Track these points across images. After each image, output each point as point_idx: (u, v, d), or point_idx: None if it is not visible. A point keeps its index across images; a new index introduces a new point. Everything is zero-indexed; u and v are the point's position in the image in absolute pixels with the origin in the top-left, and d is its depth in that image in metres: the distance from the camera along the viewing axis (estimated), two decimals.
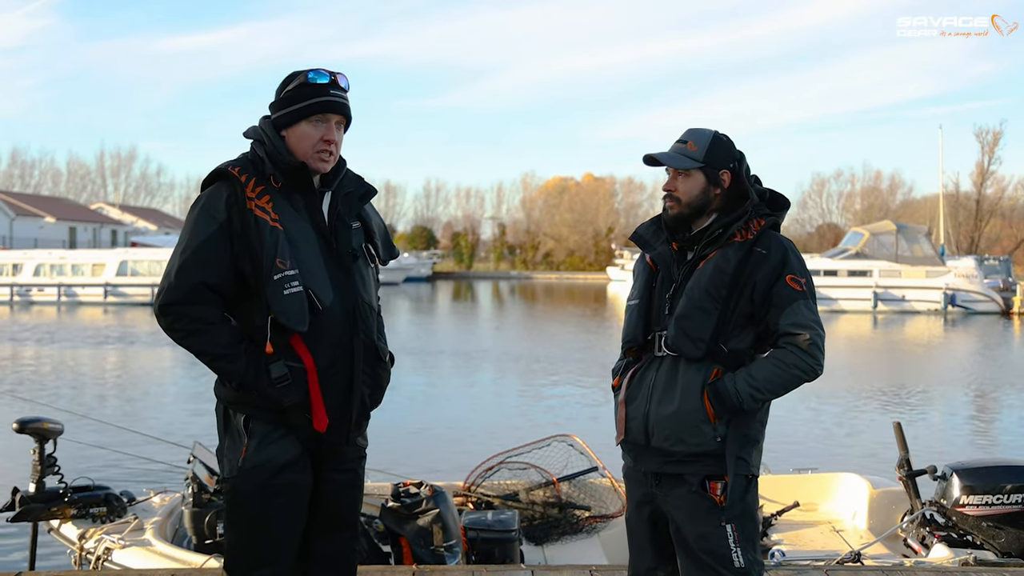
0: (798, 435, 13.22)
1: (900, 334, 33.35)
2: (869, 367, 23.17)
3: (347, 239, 3.35)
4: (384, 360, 3.47)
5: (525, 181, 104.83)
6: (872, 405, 16.52)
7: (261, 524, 3.26)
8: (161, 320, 3.23)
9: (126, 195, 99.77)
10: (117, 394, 17.26)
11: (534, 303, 51.47)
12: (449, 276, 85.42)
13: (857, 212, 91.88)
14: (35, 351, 23.49)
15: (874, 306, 43.13)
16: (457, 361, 22.61)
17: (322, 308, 3.21)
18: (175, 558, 5.27)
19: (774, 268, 3.40)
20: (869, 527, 6.37)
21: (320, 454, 3.33)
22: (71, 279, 43.68)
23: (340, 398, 3.29)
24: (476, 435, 12.92)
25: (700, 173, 3.51)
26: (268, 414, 3.24)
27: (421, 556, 5.39)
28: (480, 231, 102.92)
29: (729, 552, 3.38)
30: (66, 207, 76.53)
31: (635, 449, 3.57)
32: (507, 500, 6.39)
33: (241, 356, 3.19)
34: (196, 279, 3.16)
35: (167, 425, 12.76)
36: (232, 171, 3.23)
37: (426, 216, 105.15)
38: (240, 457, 3.23)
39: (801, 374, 3.38)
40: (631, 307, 3.66)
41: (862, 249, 44.51)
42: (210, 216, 3.20)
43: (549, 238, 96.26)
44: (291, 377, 3.19)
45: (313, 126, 3.29)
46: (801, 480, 6.92)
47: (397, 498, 5.57)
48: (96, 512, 5.69)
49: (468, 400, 17.27)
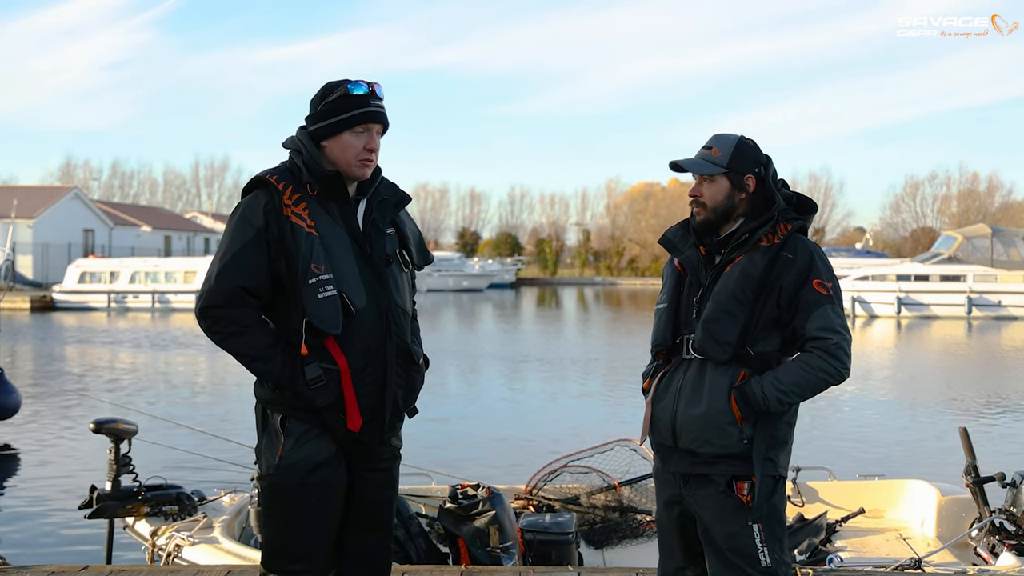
0: (868, 441, 13.03)
1: (994, 340, 32.48)
2: (953, 374, 22.66)
3: (381, 245, 3.45)
4: (417, 363, 3.55)
5: (610, 187, 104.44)
6: (953, 411, 16.19)
7: (297, 521, 3.37)
8: (201, 322, 3.37)
9: (219, 204, 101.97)
10: (193, 396, 17.75)
11: (618, 309, 51.25)
12: (533, 282, 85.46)
13: (953, 215, 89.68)
14: (128, 355, 24.13)
15: (968, 312, 42.01)
16: (536, 367, 22.69)
17: (355, 311, 3.31)
18: (240, 555, 5.42)
19: (801, 272, 3.43)
20: (937, 535, 6.28)
21: (354, 453, 3.43)
22: (164, 286, 44.70)
23: (373, 399, 3.38)
24: (542, 439, 12.99)
25: (724, 178, 3.54)
26: (304, 414, 3.34)
27: (478, 557, 5.47)
28: (564, 237, 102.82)
29: (756, 552, 3.42)
30: (162, 216, 78.29)
31: (663, 450, 3.63)
32: (568, 504, 6.44)
33: (277, 357, 3.30)
34: (234, 283, 3.29)
35: (239, 426, 13.03)
36: (270, 179, 3.36)
37: (510, 223, 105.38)
38: (277, 455, 3.34)
39: (827, 378, 3.40)
40: (659, 311, 3.72)
41: (955, 253, 43.36)
42: (248, 223, 3.33)
43: (634, 244, 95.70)
44: (325, 378, 3.29)
45: (356, 136, 3.40)
46: (867, 486, 6.85)
47: (454, 499, 5.65)
48: (168, 510, 5.88)
49: (541, 405, 17.32)
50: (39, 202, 55.66)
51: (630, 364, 22.99)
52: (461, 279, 66.21)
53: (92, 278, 44.95)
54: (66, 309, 42.82)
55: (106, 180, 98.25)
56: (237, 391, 18.32)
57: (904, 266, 44.82)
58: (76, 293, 44.33)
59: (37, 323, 35.15)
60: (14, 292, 44.15)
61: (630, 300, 59.42)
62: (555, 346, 29.09)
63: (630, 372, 21.04)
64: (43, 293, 45.05)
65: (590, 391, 19.11)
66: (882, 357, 25.23)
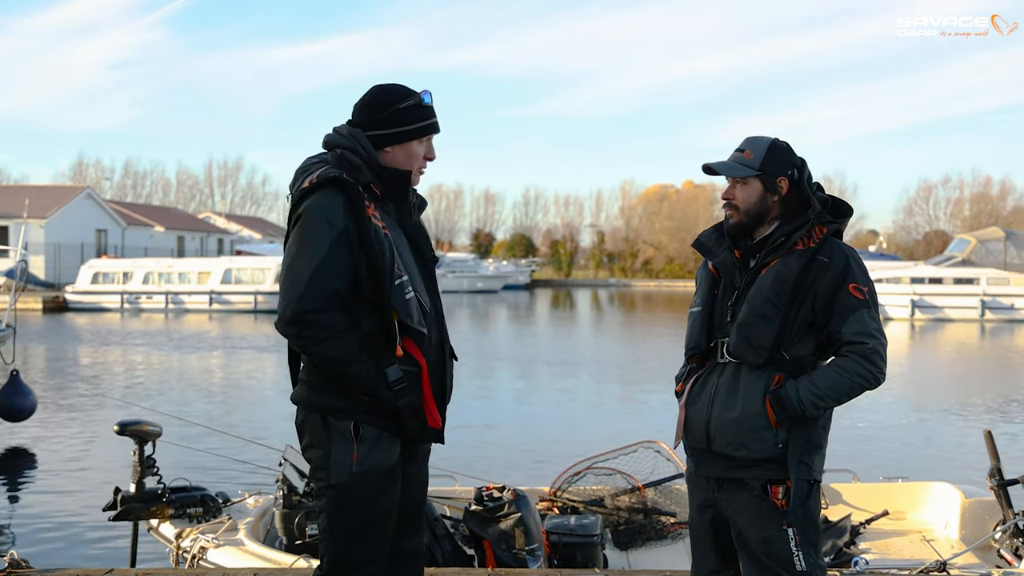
0: (889, 443, 12.99)
1: (1007, 343, 32.38)
2: (969, 376, 22.60)
3: (427, 245, 3.51)
4: (455, 359, 3.62)
5: (624, 189, 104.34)
6: (970, 414, 16.15)
7: (371, 526, 3.35)
8: (291, 328, 3.23)
9: (232, 204, 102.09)
10: (215, 398, 17.73)
11: (632, 311, 51.23)
12: (548, 284, 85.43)
13: (966, 219, 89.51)
14: (142, 356, 24.18)
15: (981, 314, 41.92)
16: (552, 368, 22.68)
17: (427, 311, 3.36)
18: (266, 558, 5.42)
19: (836, 276, 3.42)
20: (961, 537, 6.25)
21: (404, 454, 3.43)
22: (178, 287, 44.75)
23: (441, 397, 3.44)
24: (564, 441, 12.98)
25: (757, 181, 3.54)
26: (376, 418, 3.30)
27: (503, 559, 5.46)
28: (579, 239, 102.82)
29: (791, 556, 3.41)
30: (175, 217, 78.44)
31: (697, 454, 3.63)
32: (592, 505, 6.43)
33: (365, 361, 3.25)
34: (330, 286, 3.20)
35: (261, 428, 13.07)
36: (347, 178, 3.28)
37: (525, 224, 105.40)
38: (352, 462, 3.27)
39: (863, 382, 3.40)
40: (693, 314, 3.71)
41: (968, 256, 43.27)
42: (330, 224, 3.22)
43: (648, 246, 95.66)
44: (406, 379, 3.30)
45: (421, 144, 3.44)
46: (891, 488, 6.82)
47: (480, 501, 5.64)
48: (193, 512, 5.86)
49: (559, 406, 17.31)
50: (51, 202, 55.75)
51: (648, 366, 23.05)
52: (475, 280, 66.18)
53: (105, 279, 45.00)
54: (79, 310, 42.88)
55: (118, 180, 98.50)
56: (254, 392, 18.38)
57: (918, 269, 44.68)
58: (89, 294, 44.40)
59: (50, 324, 35.21)
60: (26, 292, 44.35)
61: (644, 302, 59.36)
62: (572, 348, 29.11)
63: (648, 374, 21.08)
64: (56, 294, 45.07)
65: (609, 393, 19.11)
66: (899, 359, 25.11)
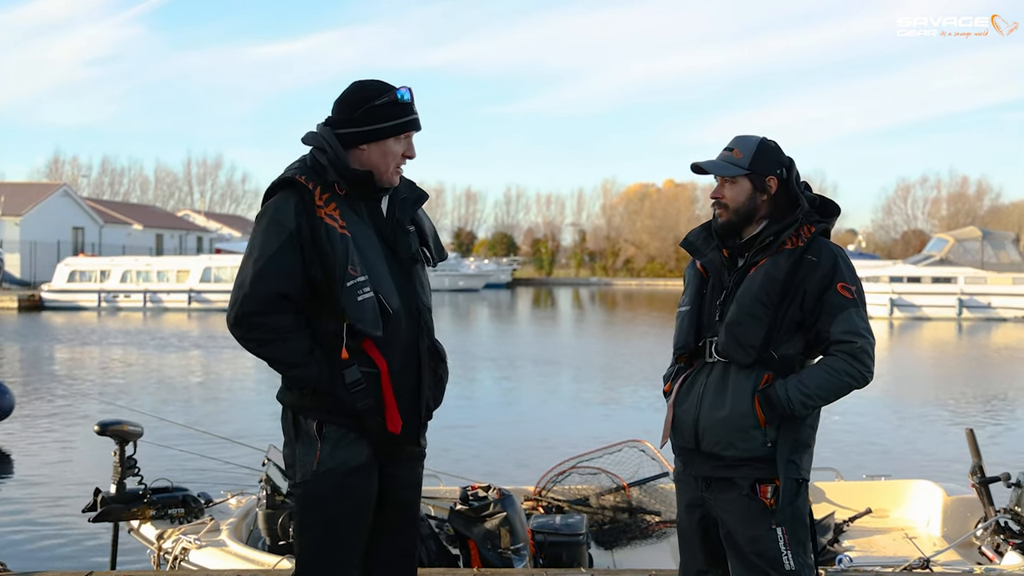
0: (871, 442, 13.04)
1: (984, 342, 32.59)
2: (949, 374, 22.74)
3: (407, 244, 3.43)
4: (444, 359, 3.54)
5: (606, 187, 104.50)
6: (951, 412, 16.25)
7: (335, 527, 3.33)
8: (235, 330, 3.27)
9: (212, 202, 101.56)
10: (197, 397, 17.62)
11: (614, 310, 51.28)
12: (529, 283, 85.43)
13: (943, 218, 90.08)
14: (121, 356, 24.03)
15: (959, 313, 42.19)
16: (535, 367, 22.70)
17: (391, 312, 3.28)
18: (249, 559, 5.38)
19: (825, 275, 3.42)
20: (943, 534, 6.29)
21: (385, 456, 3.39)
22: (156, 285, 44.51)
23: (410, 400, 3.36)
24: (549, 440, 12.95)
25: (746, 180, 3.54)
26: (340, 418, 3.29)
27: (489, 558, 5.45)
28: (560, 238, 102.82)
29: (780, 555, 3.42)
30: (153, 214, 78.03)
31: (685, 453, 3.62)
32: (577, 505, 6.42)
33: (316, 363, 3.24)
34: (272, 289, 3.21)
35: (244, 428, 13.01)
36: (300, 179, 3.29)
37: (506, 223, 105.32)
38: (315, 461, 3.28)
39: (852, 381, 3.40)
40: (682, 313, 3.71)
41: (946, 255, 43.57)
42: (280, 225, 3.24)
43: (630, 245, 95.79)
44: (365, 381, 3.25)
45: (398, 142, 3.38)
46: (874, 487, 6.86)
47: (465, 501, 5.63)
48: (174, 513, 5.82)
49: (543, 406, 17.30)
50: (27, 199, 55.40)
51: (631, 365, 23.07)
52: (457, 279, 66.03)
53: (82, 277, 44.69)
54: (55, 308, 42.50)
55: (95, 177, 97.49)
56: (236, 392, 18.30)
57: (897, 268, 44.92)
58: (66, 292, 44.06)
59: (26, 323, 34.93)
60: (1, 291, 44.02)
61: (626, 301, 59.43)
62: (554, 347, 29.12)
63: (632, 373, 21.10)
64: (31, 292, 44.64)
65: (592, 392, 19.11)
66: (879, 358, 24.87)
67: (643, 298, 62.69)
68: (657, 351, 25.71)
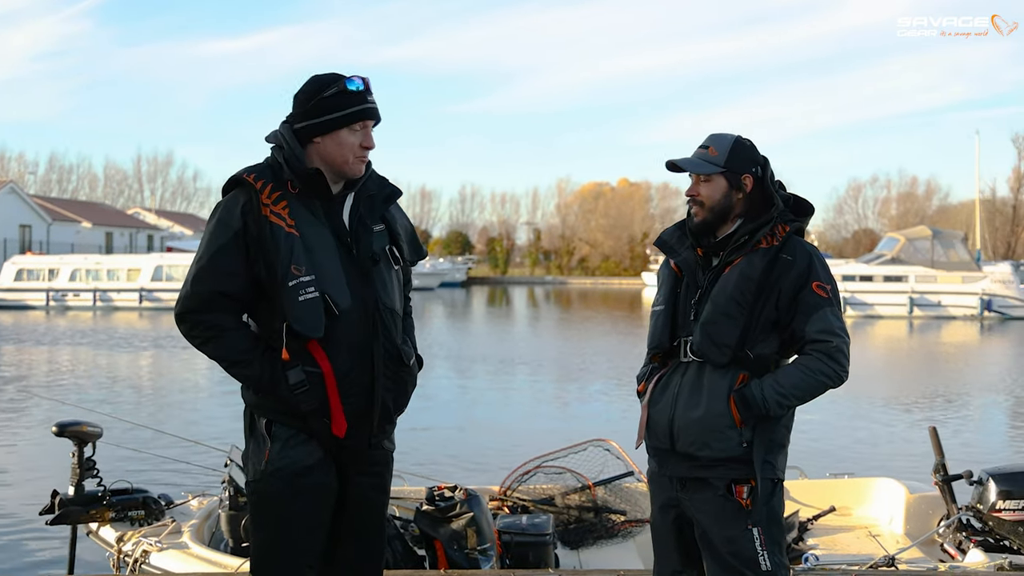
0: (833, 440, 13.14)
1: (936, 339, 33.06)
2: (905, 372, 23.01)
3: (368, 242, 3.37)
4: (408, 364, 3.47)
5: (560, 186, 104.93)
6: (907, 410, 16.41)
7: (284, 527, 3.30)
8: (179, 327, 3.32)
9: (163, 200, 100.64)
10: (155, 398, 17.40)
11: (569, 309, 51.39)
12: (484, 281, 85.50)
13: (893, 217, 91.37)
14: (73, 356, 23.72)
15: (910, 311, 42.79)
16: (493, 366, 22.63)
17: (339, 313, 3.23)
18: (211, 561, 5.30)
19: (800, 275, 3.42)
20: (906, 532, 6.32)
21: (345, 458, 3.35)
22: (107, 284, 44.05)
23: (361, 403, 3.30)
24: (512, 440, 12.90)
25: (722, 178, 3.53)
26: (290, 418, 3.27)
27: (455, 559, 5.40)
28: (515, 236, 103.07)
29: (756, 556, 3.41)
30: (103, 212, 77.17)
31: (660, 454, 3.60)
32: (542, 504, 6.39)
33: (256, 362, 3.24)
34: (210, 287, 3.23)
35: (205, 429, 12.86)
36: (248, 178, 3.27)
37: (461, 221, 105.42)
38: (263, 460, 3.27)
39: (827, 380, 3.40)
40: (656, 313, 3.70)
41: (898, 255, 44.18)
42: (225, 224, 3.24)
43: (584, 243, 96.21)
44: (308, 383, 3.22)
45: (352, 133, 3.33)
46: (837, 485, 6.88)
47: (431, 501, 5.58)
48: (134, 515, 5.71)
49: (504, 405, 17.26)
50: None
51: (591, 364, 23.06)
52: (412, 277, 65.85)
53: (30, 275, 44.22)
54: (2, 308, 42.00)
55: (43, 174, 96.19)
56: (192, 391, 18.10)
57: (849, 267, 45.44)
58: (12, 291, 43.57)
59: None
60: None
61: (581, 299, 59.61)
62: (511, 345, 29.11)
63: (591, 372, 21.07)
64: None
65: (552, 391, 19.05)
66: None
67: (598, 297, 62.90)
68: (615, 350, 25.84)
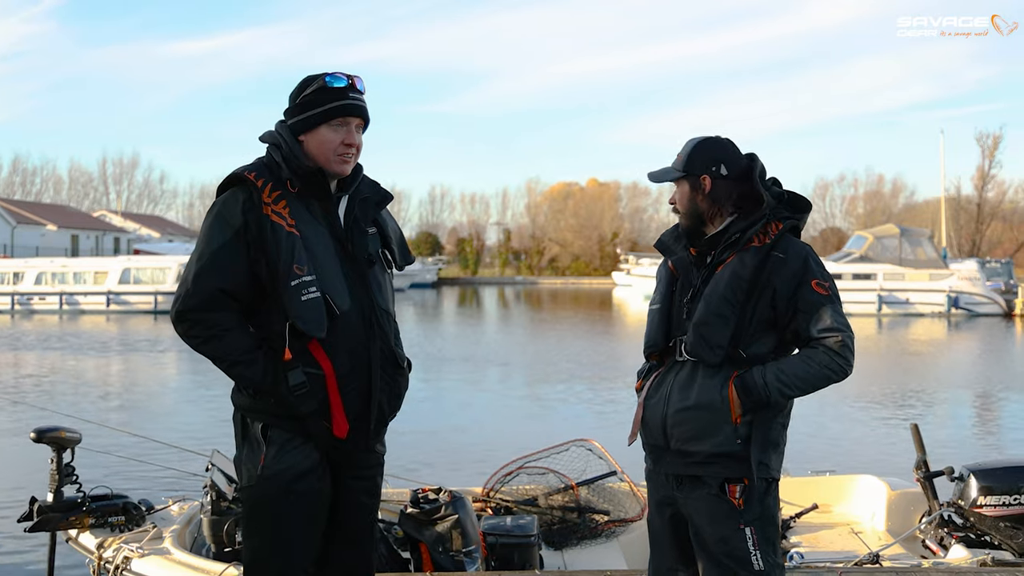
0: (813, 437, 13.21)
1: (905, 337, 33.30)
2: (878, 370, 23.13)
3: (363, 244, 3.36)
4: (402, 366, 3.46)
5: (530, 186, 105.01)
6: (881, 407, 16.51)
7: (280, 532, 3.27)
8: (178, 327, 3.25)
9: (129, 202, 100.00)
10: (130, 402, 17.20)
11: (540, 309, 51.43)
12: (454, 282, 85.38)
13: (860, 216, 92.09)
14: (41, 361, 23.43)
15: (878, 309, 43.12)
16: (467, 367, 22.58)
17: (339, 314, 3.21)
18: (194, 566, 5.24)
19: (795, 273, 3.42)
20: (887, 529, 6.36)
21: (339, 461, 3.33)
22: (73, 287, 43.58)
23: (359, 404, 3.29)
24: (493, 441, 12.88)
25: (684, 182, 3.58)
26: (287, 422, 3.24)
27: (440, 562, 5.38)
28: (485, 237, 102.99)
29: (748, 555, 3.40)
30: (68, 215, 76.57)
31: (655, 451, 3.61)
32: (526, 505, 6.38)
33: (258, 362, 3.19)
34: (213, 285, 3.18)
35: (184, 433, 12.73)
36: (248, 176, 3.23)
37: (431, 222, 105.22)
38: (259, 465, 3.24)
39: (831, 374, 3.40)
40: (652, 312, 3.70)
41: (866, 252, 44.51)
42: (226, 222, 3.21)
43: (554, 243, 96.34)
44: (309, 384, 3.20)
45: (333, 130, 3.30)
46: (819, 482, 6.91)
47: (416, 504, 5.55)
48: (115, 521, 5.65)
49: (481, 406, 17.22)
50: None
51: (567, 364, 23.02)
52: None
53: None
54: None
55: (6, 176, 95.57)
56: (168, 395, 17.96)
57: None
58: None
59: None
60: None
61: (552, 300, 59.65)
62: (484, 346, 29.03)
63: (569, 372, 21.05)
64: None
65: (529, 391, 19.00)
66: None
67: (568, 296, 62.98)
68: (590, 350, 25.82)
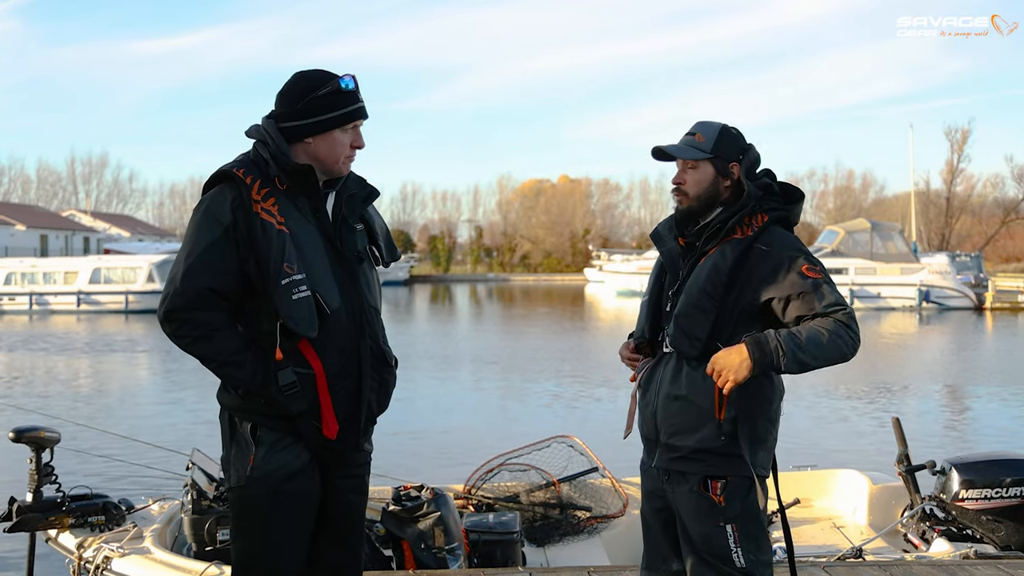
0: (793, 432, 13.27)
1: (877, 331, 33.47)
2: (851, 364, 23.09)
3: (352, 242, 3.31)
4: (390, 364, 3.43)
5: (501, 183, 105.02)
6: (859, 401, 16.61)
7: (270, 532, 3.23)
8: (166, 326, 3.17)
9: (98, 202, 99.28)
10: (106, 401, 17.12)
11: (513, 305, 51.43)
12: (427, 279, 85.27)
13: (830, 211, 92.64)
14: (11, 361, 23.24)
15: (850, 303, 43.10)
16: (443, 364, 22.55)
17: (329, 312, 3.16)
18: (175, 566, 5.21)
19: (780, 264, 3.33)
20: (869, 523, 6.38)
21: (328, 461, 3.29)
22: (43, 287, 43.20)
23: (349, 404, 3.25)
24: (474, 438, 12.86)
25: (709, 164, 3.47)
26: (276, 422, 3.19)
27: (423, 559, 5.35)
28: (457, 234, 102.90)
29: (729, 552, 3.38)
30: (37, 214, 75.87)
31: (648, 444, 3.60)
32: (508, 502, 6.36)
33: (248, 362, 3.14)
34: (202, 284, 3.10)
35: (164, 432, 12.66)
36: (237, 173, 3.17)
37: (402, 219, 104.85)
38: (248, 465, 3.18)
39: (843, 345, 3.28)
40: (643, 304, 3.66)
41: (838, 247, 44.75)
42: (215, 219, 3.13)
43: (526, 240, 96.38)
44: (299, 384, 3.15)
45: (344, 133, 3.28)
46: (801, 477, 6.92)
47: (398, 501, 5.52)
48: (94, 521, 5.60)
49: (460, 403, 17.22)
50: None
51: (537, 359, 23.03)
52: None
53: None
54: None
55: None
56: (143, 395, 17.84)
57: None
58: None
59: None
60: None
61: (524, 296, 59.64)
62: (458, 343, 29.05)
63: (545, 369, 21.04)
64: None
65: (503, 388, 19.04)
66: None
67: (541, 293, 63.01)
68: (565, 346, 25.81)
